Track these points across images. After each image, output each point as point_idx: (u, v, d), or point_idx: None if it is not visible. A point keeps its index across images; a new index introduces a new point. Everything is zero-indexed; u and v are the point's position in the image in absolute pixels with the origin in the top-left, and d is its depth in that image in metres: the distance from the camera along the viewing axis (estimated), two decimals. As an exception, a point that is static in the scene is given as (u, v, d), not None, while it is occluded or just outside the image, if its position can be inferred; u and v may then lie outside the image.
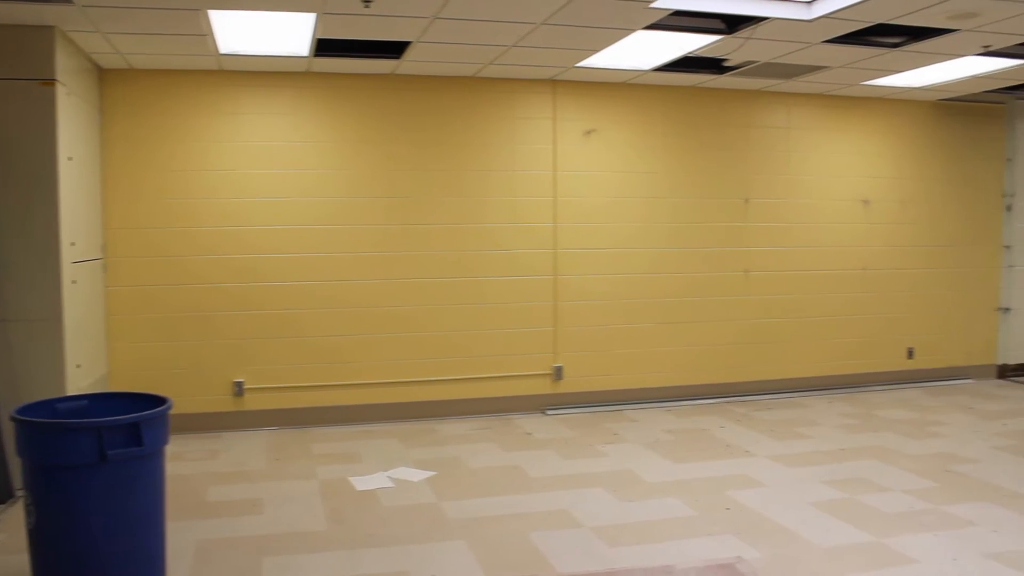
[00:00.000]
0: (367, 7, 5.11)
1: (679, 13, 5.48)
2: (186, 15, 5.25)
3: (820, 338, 8.53)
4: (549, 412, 7.58)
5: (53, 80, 5.36)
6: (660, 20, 5.56)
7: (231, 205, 6.89)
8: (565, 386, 7.69)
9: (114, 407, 3.95)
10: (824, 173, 8.43)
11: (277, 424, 7.06)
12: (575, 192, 7.63)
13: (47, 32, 5.35)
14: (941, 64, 6.94)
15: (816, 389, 8.49)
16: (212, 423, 6.93)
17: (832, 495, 5.30)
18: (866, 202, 8.61)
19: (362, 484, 5.57)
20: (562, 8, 5.24)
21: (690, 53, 6.51)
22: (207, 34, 5.71)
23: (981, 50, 6.42)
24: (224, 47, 6.12)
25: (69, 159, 5.62)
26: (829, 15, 5.38)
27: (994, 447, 6.46)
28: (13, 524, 4.73)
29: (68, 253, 5.57)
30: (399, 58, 6.55)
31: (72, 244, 5.66)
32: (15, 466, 4.98)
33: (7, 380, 5.32)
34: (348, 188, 7.11)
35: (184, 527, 4.73)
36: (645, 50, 6.42)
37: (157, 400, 3.89)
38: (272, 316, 7.02)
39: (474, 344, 7.46)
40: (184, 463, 6.03)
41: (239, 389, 6.97)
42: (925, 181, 8.85)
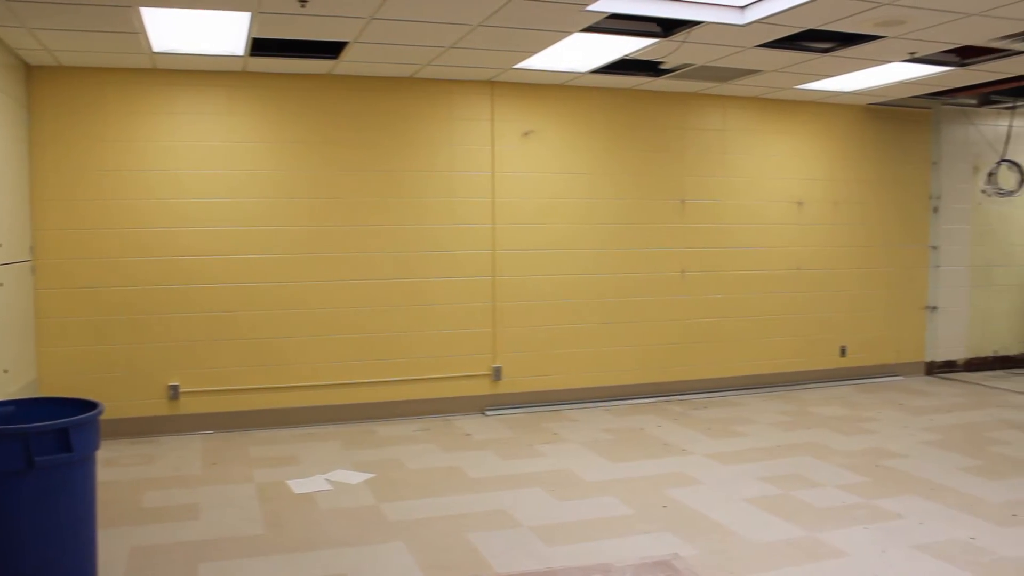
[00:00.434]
0: (303, 7, 5.08)
1: (615, 16, 5.53)
2: (117, 12, 5.15)
3: (756, 337, 8.67)
4: (489, 413, 7.60)
5: (-24, 78, 5.24)
6: (597, 23, 5.61)
7: (166, 206, 6.78)
8: (504, 387, 7.71)
9: (43, 413, 3.85)
10: (759, 175, 8.57)
11: (214, 428, 6.96)
12: (513, 193, 7.65)
13: (-30, 28, 5.23)
14: (870, 69, 7.11)
15: (752, 387, 8.63)
16: (147, 428, 6.82)
17: (767, 491, 5.39)
18: (800, 203, 8.78)
19: (300, 487, 5.52)
20: (499, 10, 5.25)
21: (627, 56, 6.57)
22: (139, 32, 5.61)
23: (908, 56, 6.60)
24: (157, 45, 6.01)
25: (-6, 159, 5.49)
26: (761, 20, 5.47)
27: (922, 442, 6.63)
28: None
29: (-7, 255, 5.44)
30: (336, 58, 6.51)
31: (-2, 246, 5.54)
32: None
33: (-69, 386, 5.18)
34: (286, 189, 7.04)
35: (117, 534, 4.64)
36: (582, 52, 6.47)
37: (88, 405, 3.81)
38: (209, 318, 6.92)
39: (414, 345, 7.44)
40: (118, 469, 5.92)
41: (175, 393, 6.86)
42: (856, 183, 9.05)
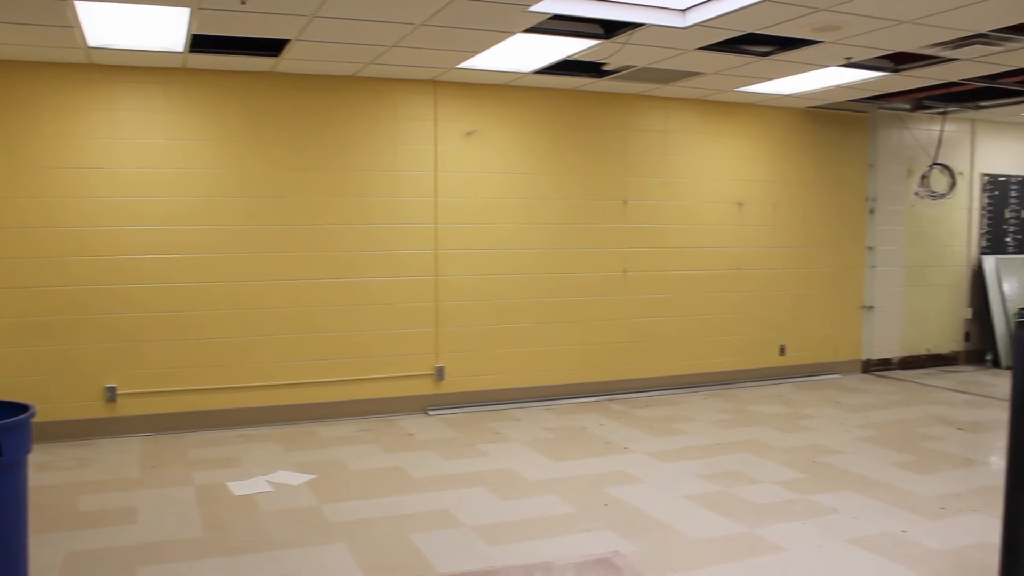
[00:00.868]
0: (244, 4, 5.02)
1: (558, 17, 5.56)
2: (49, 4, 5.04)
3: (696, 337, 8.78)
4: (431, 412, 7.59)
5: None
6: (539, 24, 5.63)
7: (105, 204, 6.65)
8: (447, 386, 7.71)
9: (-28, 415, 3.76)
10: (700, 176, 8.68)
11: (152, 430, 6.85)
12: (456, 193, 7.65)
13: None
14: (808, 73, 7.24)
15: (693, 386, 8.73)
16: (83, 430, 6.68)
17: (706, 488, 5.46)
18: (740, 204, 8.91)
19: (240, 489, 5.46)
20: (442, 9, 5.25)
21: (570, 56, 6.61)
22: (74, 26, 5.50)
23: (844, 61, 6.73)
24: (93, 40, 5.90)
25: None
26: (702, 23, 5.54)
27: (857, 438, 6.77)
28: None
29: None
30: (278, 56, 6.45)
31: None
32: None
33: None
34: (226, 188, 6.95)
35: (51, 539, 4.55)
36: (525, 53, 6.49)
37: (19, 408, 3.72)
38: (148, 318, 6.81)
39: (356, 345, 7.40)
40: (52, 473, 5.80)
41: (112, 394, 6.74)
42: (795, 185, 9.21)
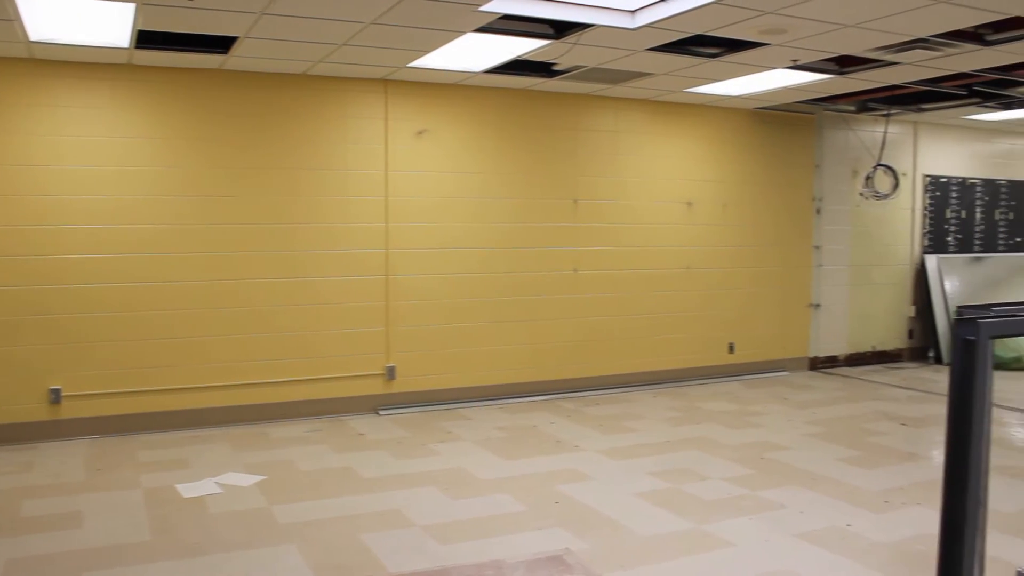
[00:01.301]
0: (191, 0, 4.96)
1: (508, 17, 5.57)
2: (-10, 0, 4.95)
3: (647, 335, 8.85)
4: (382, 412, 7.56)
5: None
6: (490, 23, 5.64)
7: (49, 202, 6.52)
8: (398, 386, 7.68)
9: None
10: (650, 175, 8.75)
11: (99, 432, 6.74)
12: (407, 192, 7.63)
13: None
14: (756, 75, 7.34)
15: (643, 384, 8.80)
16: (26, 434, 6.55)
17: (656, 485, 5.51)
18: (689, 204, 8.99)
19: (189, 491, 5.39)
20: (392, 8, 5.23)
21: (520, 56, 6.63)
22: (13, 19, 5.38)
23: (790, 64, 6.83)
24: (35, 34, 5.78)
25: None
26: (651, 24, 5.59)
27: (805, 434, 6.88)
28: None
29: None
30: (226, 53, 6.38)
31: None
32: None
33: None
34: (174, 186, 6.86)
35: (-9, 544, 4.46)
36: (476, 52, 6.49)
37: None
38: (93, 319, 6.69)
39: (306, 345, 7.34)
40: (-8, 476, 5.69)
41: (56, 396, 6.61)
42: (744, 185, 9.33)
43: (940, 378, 9.37)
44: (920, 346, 10.74)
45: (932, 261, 10.61)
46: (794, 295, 9.81)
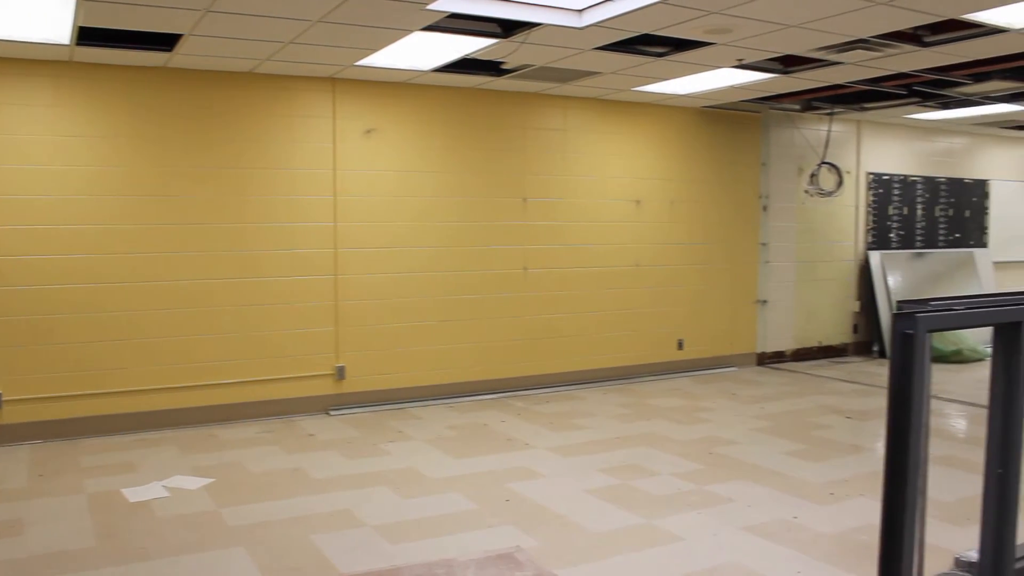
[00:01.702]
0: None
1: (456, 16, 5.57)
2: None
3: (596, 332, 8.90)
4: (332, 413, 7.51)
5: None
6: (437, 22, 5.63)
7: (-17, 203, 6.40)
8: (348, 386, 7.64)
9: None
10: (599, 174, 8.80)
11: (42, 437, 6.60)
12: (356, 191, 7.59)
13: None
14: (702, 74, 7.41)
15: (593, 381, 8.86)
16: (-36, 439, 6.42)
17: (606, 482, 5.55)
18: (638, 202, 9.06)
19: (135, 496, 5.31)
20: (338, 6, 5.20)
21: (468, 55, 6.62)
22: (-50, 17, 5.28)
23: (736, 63, 6.91)
24: (-29, 31, 5.67)
25: None
26: (598, 24, 5.62)
27: (752, 429, 6.98)
28: None
29: None
30: (171, 51, 6.29)
31: None
32: None
33: None
34: (117, 186, 6.75)
35: (-71, 552, 4.36)
36: (424, 51, 6.48)
37: None
38: (34, 322, 6.55)
39: (255, 346, 7.27)
40: (-69, 483, 5.56)
41: (-5, 401, 6.49)
42: (692, 183, 9.42)
43: (884, 371, 9.55)
44: (865, 340, 10.94)
45: (876, 257, 10.81)
46: (742, 291, 9.93)
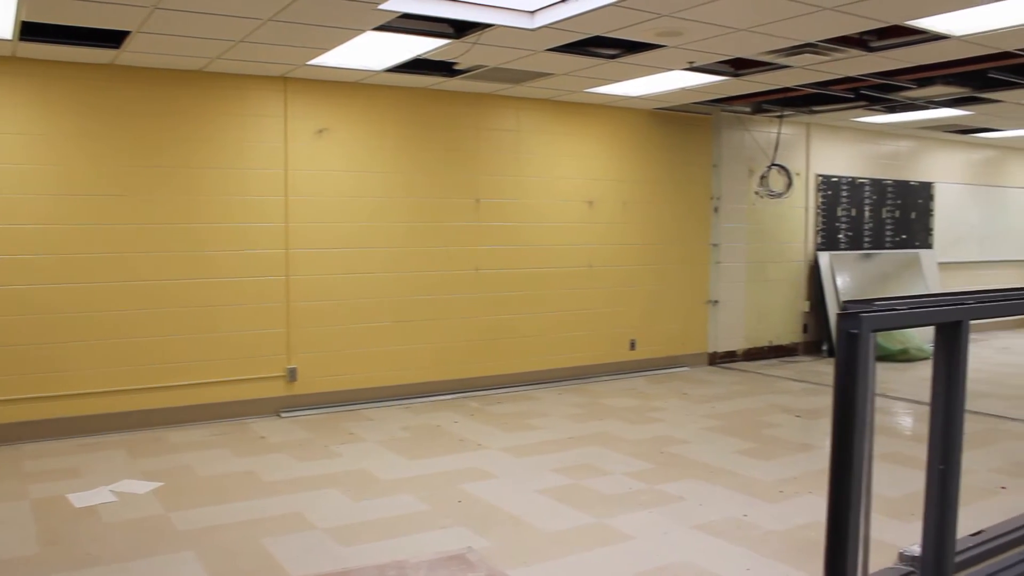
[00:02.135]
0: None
1: (408, 16, 5.55)
2: None
3: (550, 333, 8.92)
4: (284, 415, 7.45)
5: None
6: (389, 22, 5.61)
7: (-77, 202, 6.25)
8: (300, 387, 7.58)
9: None
10: (551, 175, 8.83)
11: (-18, 441, 6.48)
12: (308, 192, 7.53)
13: None
14: (654, 76, 7.47)
15: (547, 382, 8.88)
16: (-97, 444, 6.26)
17: (559, 482, 5.57)
18: (591, 203, 9.11)
19: (81, 501, 5.22)
20: (289, 5, 5.16)
21: (421, 55, 6.61)
22: None
23: (687, 65, 6.98)
24: (-93, 26, 5.53)
25: None
26: (550, 25, 5.64)
27: (704, 428, 7.04)
28: None
29: None
30: (119, 48, 6.20)
31: None
32: None
33: None
34: (63, 185, 6.62)
35: None
36: (376, 51, 6.45)
37: None
38: (-26, 324, 6.43)
39: (205, 348, 7.18)
40: None
41: (-64, 405, 6.33)
42: (644, 184, 9.49)
43: (832, 370, 9.69)
44: (814, 340, 11.10)
45: (825, 258, 10.97)
46: (693, 292, 10.02)
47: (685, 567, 4.20)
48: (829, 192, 11.11)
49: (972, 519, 4.59)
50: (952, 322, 3.50)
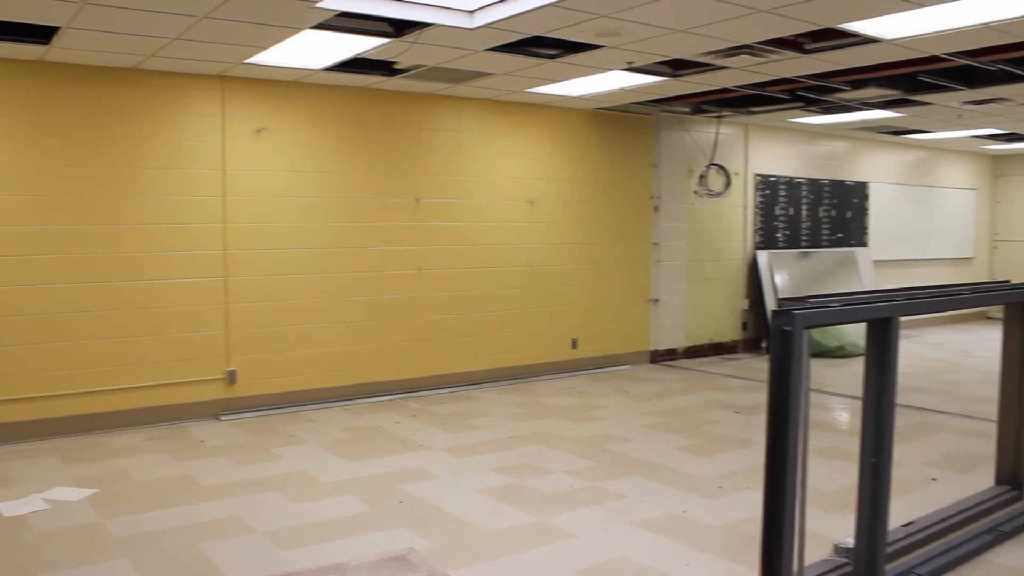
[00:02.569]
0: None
1: (346, 15, 5.51)
2: None
3: (491, 332, 8.93)
4: (224, 417, 7.35)
5: None
6: (328, 20, 5.56)
7: None
8: (240, 390, 7.48)
9: None
10: (492, 174, 8.84)
11: (-92, 449, 6.29)
12: (246, 192, 7.43)
13: None
14: (594, 76, 7.52)
15: (488, 381, 8.88)
16: None
17: (500, 481, 5.58)
18: (531, 202, 9.13)
19: (11, 510, 5.09)
20: (225, 3, 5.09)
21: (360, 54, 6.57)
22: None
23: (626, 66, 7.03)
24: None
25: None
26: (490, 25, 5.64)
27: (644, 425, 7.10)
28: None
29: None
30: (48, 44, 6.05)
31: None
32: None
33: None
34: (-10, 185, 6.46)
35: None
36: (315, 50, 6.40)
37: None
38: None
39: (141, 351, 7.05)
40: None
41: None
42: (585, 183, 9.54)
43: (771, 368, 9.85)
44: (754, 337, 11.27)
45: (763, 256, 11.14)
46: (634, 290, 10.10)
47: (625, 564, 4.23)
48: (767, 191, 11.28)
49: (904, 510, 4.71)
50: (883, 319, 3.58)
